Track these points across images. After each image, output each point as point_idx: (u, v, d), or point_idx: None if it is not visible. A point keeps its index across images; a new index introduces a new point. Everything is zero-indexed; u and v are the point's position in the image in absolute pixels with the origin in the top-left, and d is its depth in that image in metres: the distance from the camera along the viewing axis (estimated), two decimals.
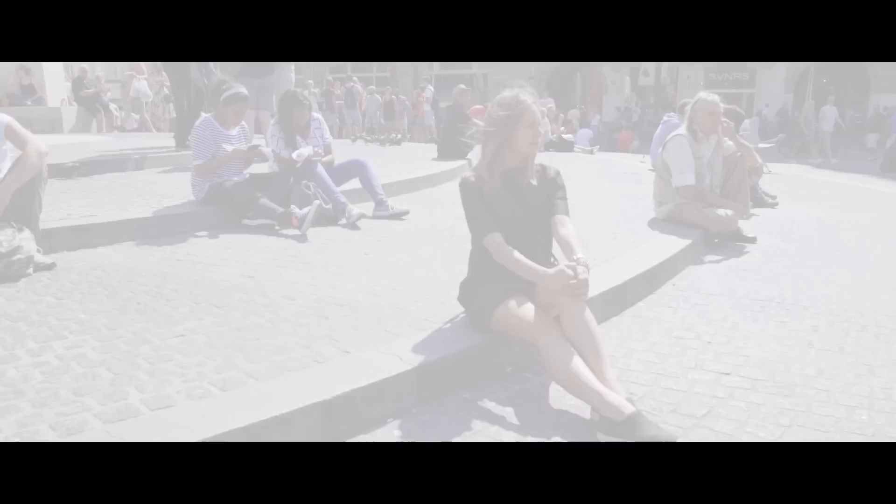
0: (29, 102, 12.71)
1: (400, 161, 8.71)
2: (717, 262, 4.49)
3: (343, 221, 4.92)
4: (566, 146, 13.62)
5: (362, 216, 4.94)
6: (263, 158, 5.13)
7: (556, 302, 2.41)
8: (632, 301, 3.50)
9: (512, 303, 2.49)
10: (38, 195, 3.62)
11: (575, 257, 2.48)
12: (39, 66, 12.91)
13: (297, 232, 4.53)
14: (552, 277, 2.41)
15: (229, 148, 4.90)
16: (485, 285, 2.66)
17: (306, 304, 3.01)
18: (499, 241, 2.58)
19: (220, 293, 3.17)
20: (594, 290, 3.18)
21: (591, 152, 14.02)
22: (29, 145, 3.55)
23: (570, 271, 2.37)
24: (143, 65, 14.97)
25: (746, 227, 5.23)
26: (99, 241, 4.12)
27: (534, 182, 2.68)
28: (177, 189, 5.57)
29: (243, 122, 5.11)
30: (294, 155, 5.09)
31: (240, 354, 2.41)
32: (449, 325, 2.74)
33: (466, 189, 2.67)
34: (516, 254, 2.53)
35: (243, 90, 4.89)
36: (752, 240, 5.07)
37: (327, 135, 5.64)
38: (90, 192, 5.46)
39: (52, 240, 3.93)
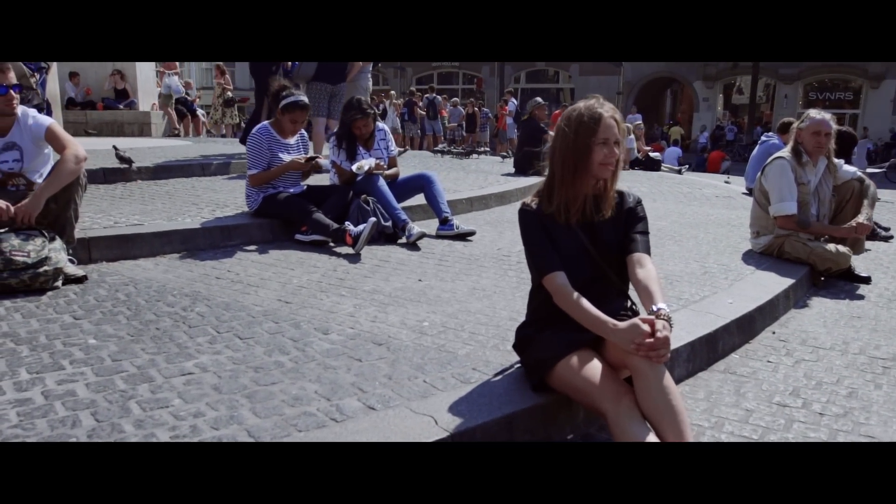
0: (121, 106, 13.08)
1: (474, 175, 8.31)
2: (825, 306, 3.87)
3: (402, 240, 4.56)
4: (653, 165, 12.91)
5: (423, 235, 4.55)
6: (322, 170, 4.83)
7: (630, 363, 1.95)
8: (724, 353, 2.97)
9: (575, 358, 2.06)
10: (74, 202, 3.39)
11: (655, 308, 2.01)
12: (134, 71, 13.27)
13: (350, 250, 4.19)
14: (623, 333, 1.95)
15: (286, 158, 4.62)
16: (544, 333, 2.22)
17: (340, 341, 2.63)
18: (561, 282, 2.14)
19: (249, 321, 2.84)
20: (679, 338, 2.70)
21: (680, 172, 13.26)
22: (68, 150, 3.33)
23: (646, 327, 1.91)
24: (175, 62, 15.04)
25: (858, 264, 4.56)
26: (141, 253, 3.89)
27: (609, 211, 2.22)
28: (235, 199, 5.35)
29: (303, 131, 4.82)
30: (354, 167, 4.77)
31: (247, 403, 2.05)
32: (500, 377, 2.31)
33: (526, 217, 2.25)
34: (581, 299, 2.09)
35: (303, 98, 4.60)
36: (867, 280, 4.40)
37: (392, 147, 5.31)
38: (147, 198, 5.31)
39: (92, 249, 3.72)
